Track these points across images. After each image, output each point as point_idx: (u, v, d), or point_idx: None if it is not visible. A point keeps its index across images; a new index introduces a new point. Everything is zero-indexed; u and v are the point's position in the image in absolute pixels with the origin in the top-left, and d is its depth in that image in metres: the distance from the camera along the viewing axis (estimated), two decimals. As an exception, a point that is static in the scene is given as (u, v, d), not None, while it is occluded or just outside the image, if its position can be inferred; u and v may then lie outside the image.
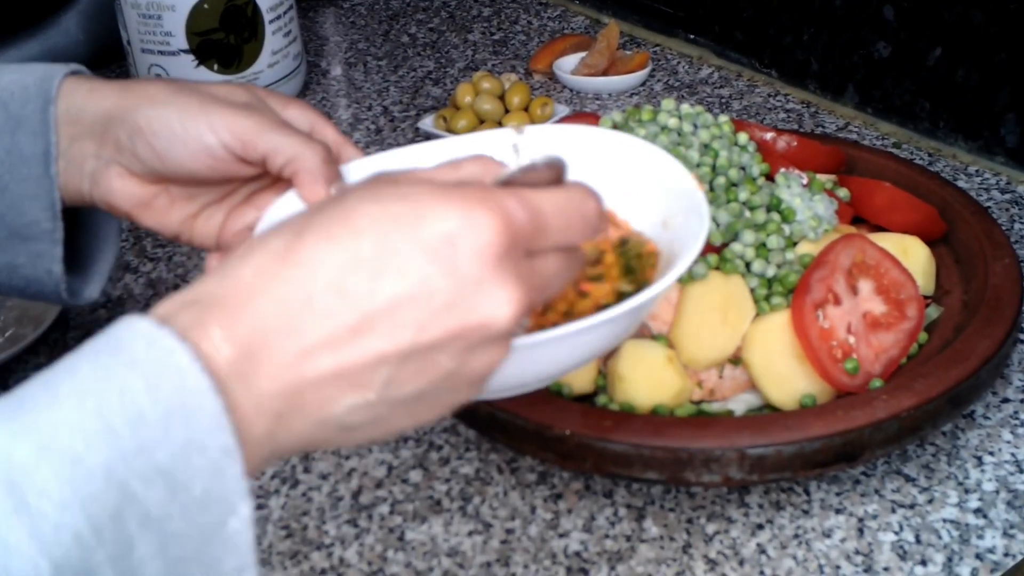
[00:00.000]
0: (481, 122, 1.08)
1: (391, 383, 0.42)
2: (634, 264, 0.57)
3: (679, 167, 0.58)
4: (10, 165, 0.60)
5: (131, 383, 0.38)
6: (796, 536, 0.68)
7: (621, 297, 0.54)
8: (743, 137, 0.80)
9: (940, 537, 0.67)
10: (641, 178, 0.60)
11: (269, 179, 0.62)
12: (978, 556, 0.66)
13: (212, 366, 0.40)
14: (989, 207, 0.96)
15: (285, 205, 0.59)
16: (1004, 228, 0.91)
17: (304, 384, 0.41)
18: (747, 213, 0.75)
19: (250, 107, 0.60)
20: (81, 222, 0.65)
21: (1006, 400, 0.77)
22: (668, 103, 0.81)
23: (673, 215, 0.58)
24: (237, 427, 0.40)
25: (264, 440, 0.41)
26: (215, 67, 1.13)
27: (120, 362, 0.39)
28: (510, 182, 0.45)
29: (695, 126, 0.79)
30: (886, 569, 0.66)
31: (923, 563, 0.66)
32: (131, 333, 0.39)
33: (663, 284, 0.51)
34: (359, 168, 0.62)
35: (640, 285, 0.56)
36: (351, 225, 0.42)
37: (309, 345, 0.41)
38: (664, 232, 0.58)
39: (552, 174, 0.46)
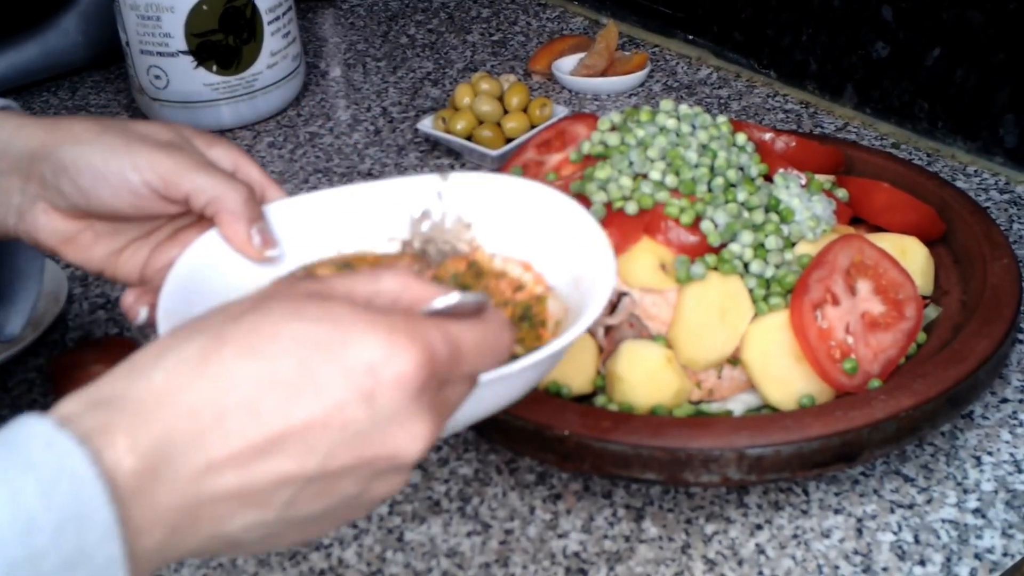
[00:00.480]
0: (480, 123, 1.08)
1: (291, 504, 0.42)
2: (526, 327, 0.58)
3: (593, 224, 0.58)
4: None
5: (24, 487, 0.37)
6: (795, 536, 0.68)
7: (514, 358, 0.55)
8: (741, 137, 0.80)
9: (939, 537, 0.67)
10: (558, 233, 0.60)
11: (193, 216, 0.62)
12: (977, 556, 0.66)
13: (112, 476, 0.38)
14: (988, 207, 0.96)
15: (207, 243, 0.60)
16: (1003, 228, 0.91)
17: (204, 500, 0.40)
18: (745, 213, 0.75)
19: (174, 146, 0.60)
20: (3, 259, 0.65)
21: (1005, 400, 0.77)
22: (667, 104, 0.81)
23: (583, 273, 0.58)
24: (129, 538, 0.38)
25: (155, 552, 0.40)
26: (214, 68, 1.13)
27: (14, 464, 0.37)
28: (435, 314, 0.45)
29: (693, 127, 0.79)
30: (885, 569, 0.66)
31: (922, 563, 0.66)
32: (29, 434, 0.38)
33: (548, 349, 0.51)
34: (281, 210, 0.63)
35: (534, 347, 0.56)
36: (273, 342, 0.41)
37: (215, 461, 0.40)
38: (575, 290, 0.58)
39: (476, 309, 0.46)
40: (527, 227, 0.61)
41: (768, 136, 0.87)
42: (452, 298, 0.45)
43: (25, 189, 0.61)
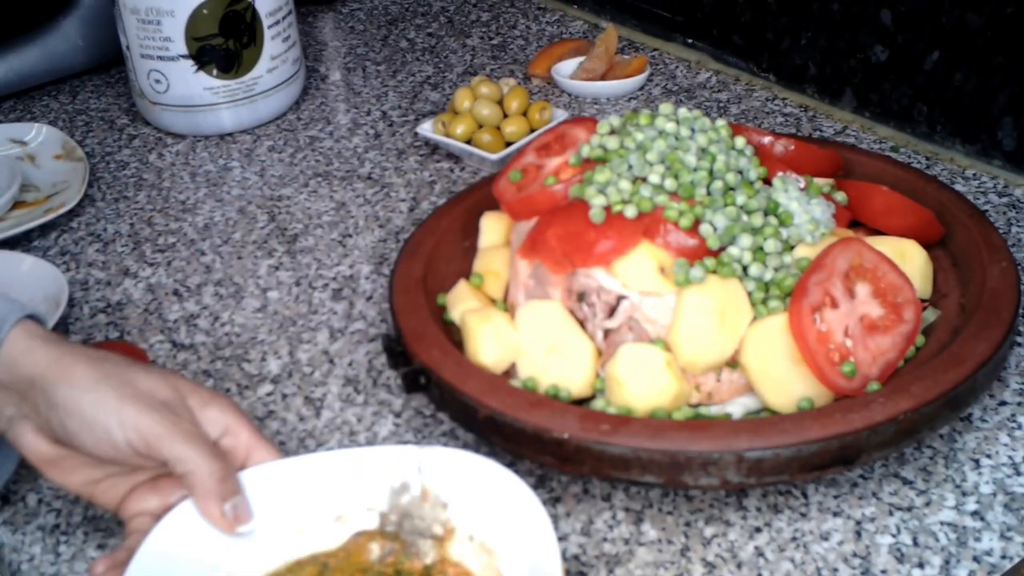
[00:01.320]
0: (480, 127, 1.08)
1: None
2: None
3: (547, 525, 0.60)
4: None
5: None
6: (794, 539, 0.68)
7: None
8: (740, 141, 0.80)
9: (937, 540, 0.68)
10: (516, 521, 0.61)
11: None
12: (975, 559, 0.66)
13: None
14: (986, 211, 0.96)
15: (183, 513, 0.62)
16: (1001, 231, 0.91)
17: None
18: (744, 217, 0.75)
19: (166, 408, 0.63)
20: None
21: (1003, 403, 0.77)
22: (666, 107, 0.81)
23: (537, 563, 0.59)
24: None
25: None
26: (214, 72, 1.13)
27: None
28: None
29: (693, 130, 0.80)
30: (883, 572, 0.66)
31: (920, 566, 0.66)
32: None
33: None
34: (261, 475, 0.65)
35: None
36: None
37: None
38: None
39: None
40: (495, 512, 0.63)
41: (767, 139, 0.87)
42: None
43: (19, 406, 0.65)
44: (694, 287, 0.73)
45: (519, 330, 0.76)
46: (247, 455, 0.65)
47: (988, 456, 0.73)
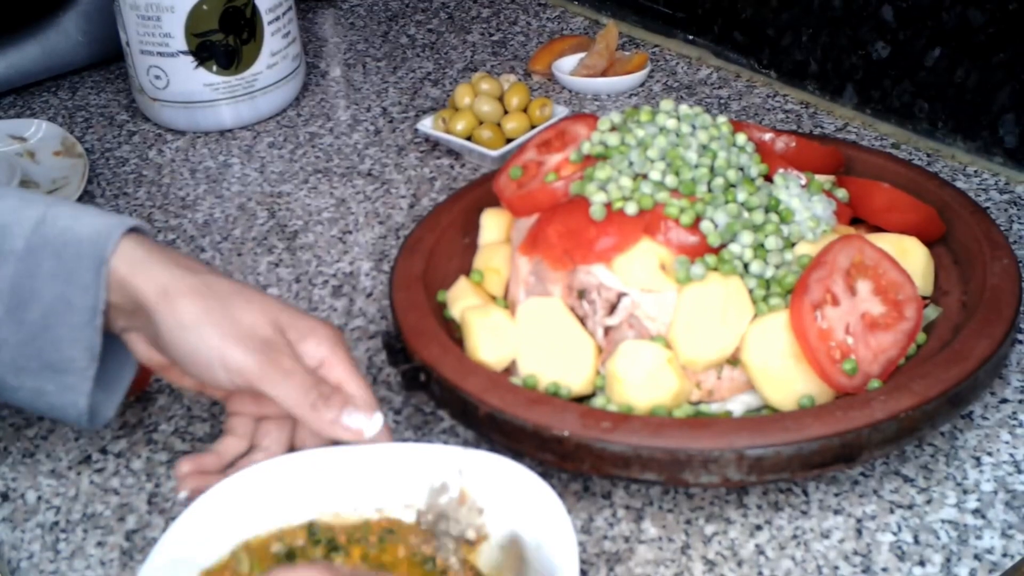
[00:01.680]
0: (480, 123, 1.08)
1: None
2: None
3: (572, 541, 0.59)
4: (58, 311, 0.64)
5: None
6: (794, 537, 0.68)
7: None
8: (741, 138, 0.80)
9: (938, 538, 0.67)
10: (548, 536, 0.61)
11: None
12: (976, 556, 0.66)
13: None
14: (988, 207, 0.96)
15: (199, 509, 0.62)
16: (1003, 228, 0.91)
17: None
18: (745, 214, 0.75)
19: (265, 347, 0.64)
20: (109, 347, 0.68)
21: (1004, 401, 0.77)
22: (667, 104, 0.81)
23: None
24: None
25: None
26: (214, 68, 1.13)
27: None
28: None
29: (693, 127, 0.79)
30: (884, 570, 0.66)
31: (921, 564, 0.66)
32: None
33: None
34: (300, 463, 0.65)
35: None
36: None
37: None
38: None
39: None
40: (529, 521, 0.62)
41: (768, 136, 0.87)
42: None
43: (130, 319, 0.67)
44: (695, 284, 0.72)
45: (519, 327, 0.76)
46: (337, 386, 0.66)
47: (989, 454, 0.73)
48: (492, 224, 0.86)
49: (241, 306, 0.65)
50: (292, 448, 0.68)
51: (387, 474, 0.65)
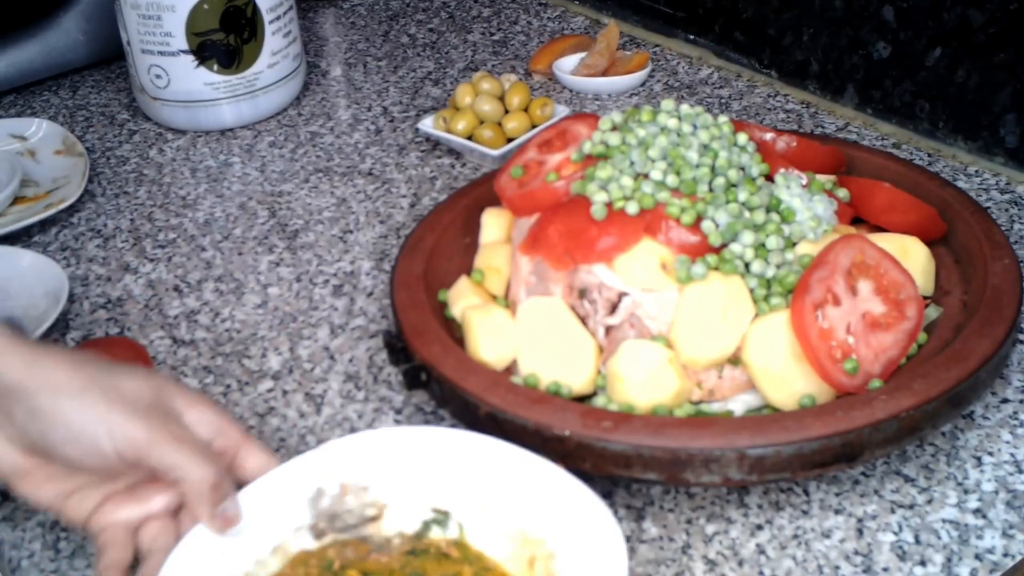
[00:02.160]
0: (481, 122, 1.08)
1: None
2: None
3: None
4: None
5: None
6: (795, 536, 0.68)
7: None
8: (742, 137, 0.80)
9: (939, 537, 0.67)
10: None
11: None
12: (977, 556, 0.66)
13: None
14: (989, 207, 0.96)
15: (195, 540, 0.60)
16: (1004, 228, 0.91)
17: None
18: (746, 214, 0.75)
19: (153, 413, 0.60)
20: None
21: (1005, 400, 0.77)
22: (668, 103, 0.81)
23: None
24: None
25: None
26: (215, 67, 1.13)
27: None
28: None
29: (694, 126, 0.79)
30: (885, 570, 0.66)
31: (922, 563, 0.66)
32: None
33: None
34: (255, 491, 0.62)
35: None
36: None
37: None
38: None
39: None
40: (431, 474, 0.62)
41: (769, 136, 0.87)
42: None
43: None
44: (696, 284, 0.72)
45: (520, 327, 0.76)
46: (236, 454, 0.63)
47: (990, 454, 0.73)
48: (493, 223, 0.86)
49: (123, 375, 0.62)
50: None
51: (264, 512, 0.62)
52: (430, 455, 0.64)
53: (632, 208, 0.74)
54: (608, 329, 0.75)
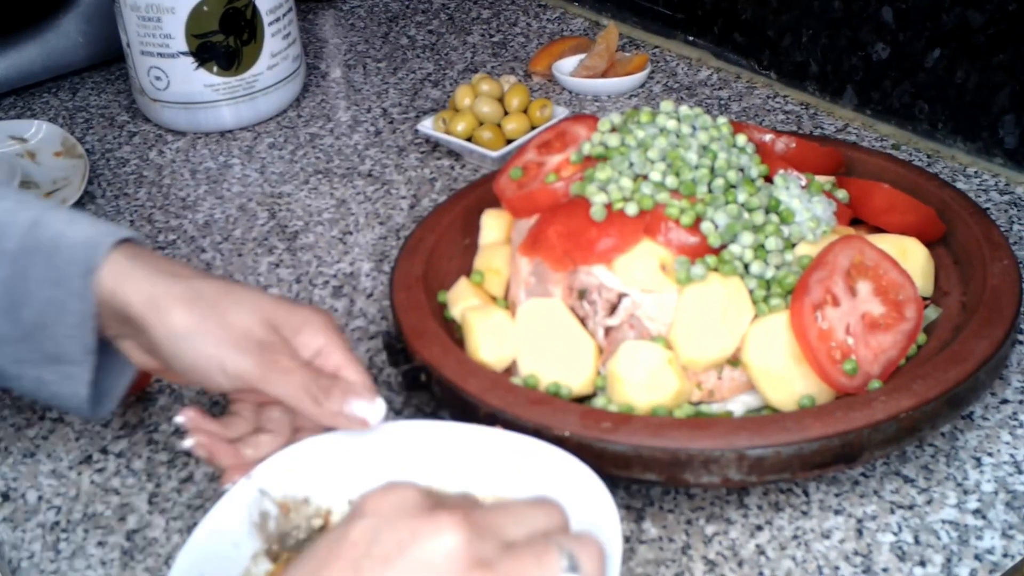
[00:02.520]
0: (480, 124, 1.08)
1: None
2: None
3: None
4: (51, 312, 0.64)
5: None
6: (795, 537, 0.68)
7: None
8: (742, 139, 0.80)
9: (939, 538, 0.67)
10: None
11: None
12: (977, 557, 0.66)
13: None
14: (988, 208, 0.96)
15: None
16: (1003, 229, 0.91)
17: None
18: (745, 215, 0.75)
19: (262, 348, 0.64)
20: (104, 348, 0.68)
21: (1005, 401, 0.77)
22: (667, 105, 0.81)
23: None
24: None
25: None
26: (214, 69, 1.13)
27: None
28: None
29: (694, 128, 0.79)
30: (885, 570, 0.66)
31: (922, 564, 0.66)
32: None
33: None
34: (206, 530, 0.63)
35: None
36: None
37: None
38: None
39: None
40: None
41: (768, 137, 0.87)
42: None
43: (122, 328, 0.66)
44: (695, 285, 0.72)
45: (520, 328, 0.76)
46: (336, 375, 0.66)
47: (990, 454, 0.73)
48: (492, 225, 0.86)
49: (232, 309, 0.65)
50: (296, 432, 0.67)
51: (219, 554, 0.61)
52: (361, 452, 0.64)
53: (631, 209, 0.74)
54: (608, 330, 0.75)
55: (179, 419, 0.64)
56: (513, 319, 0.77)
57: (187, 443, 0.64)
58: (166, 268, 0.66)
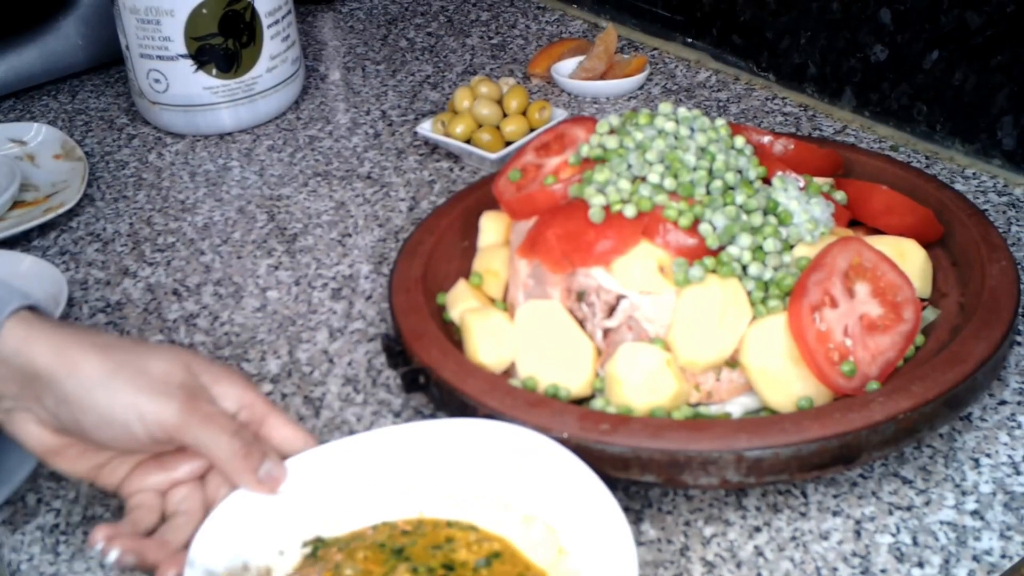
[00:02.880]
0: (479, 126, 1.08)
1: None
2: None
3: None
4: None
5: None
6: (793, 538, 0.68)
7: None
8: (740, 140, 0.80)
9: (937, 539, 0.68)
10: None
11: None
12: (975, 558, 0.66)
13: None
14: (986, 210, 0.96)
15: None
16: (1001, 231, 0.91)
17: None
18: (744, 216, 0.75)
19: (182, 392, 0.62)
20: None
21: (1003, 402, 0.77)
22: (665, 107, 0.81)
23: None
24: None
25: None
26: (213, 72, 1.13)
27: None
28: None
29: (692, 129, 0.80)
30: (883, 571, 0.66)
31: (920, 565, 0.66)
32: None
33: None
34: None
35: None
36: None
37: None
38: None
39: None
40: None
41: (767, 139, 0.87)
42: None
43: (19, 398, 0.63)
44: (693, 286, 0.73)
45: (518, 330, 0.76)
46: (261, 422, 0.65)
47: (988, 455, 0.73)
48: (491, 227, 0.86)
49: (149, 355, 0.63)
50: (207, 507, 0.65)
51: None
52: (291, 497, 0.65)
53: (630, 211, 0.74)
54: (606, 332, 0.75)
55: (98, 544, 0.60)
56: (512, 321, 0.77)
57: (111, 556, 0.60)
58: (74, 326, 0.64)
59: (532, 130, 1.09)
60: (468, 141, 1.08)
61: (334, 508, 0.66)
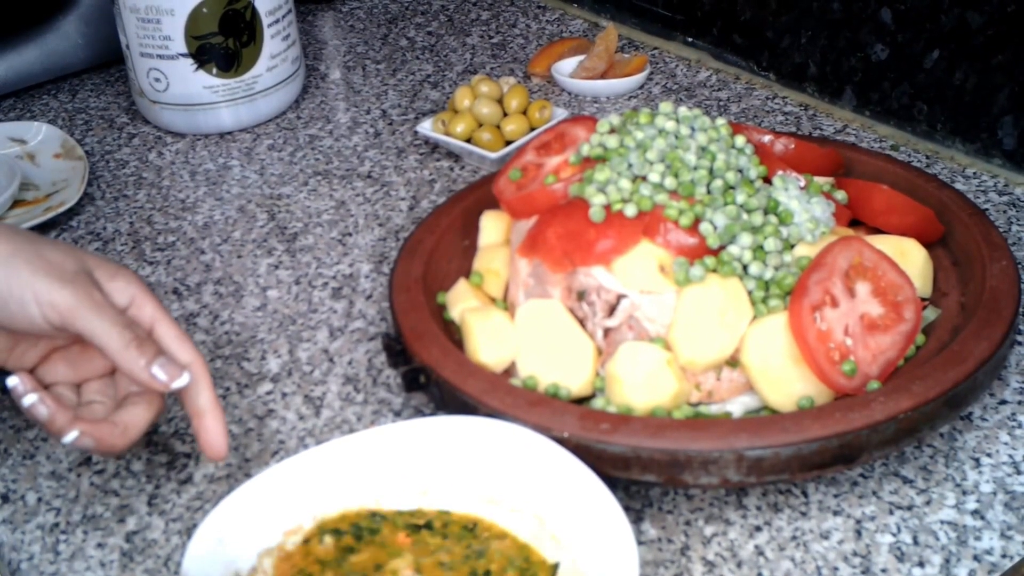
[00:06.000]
0: (479, 125, 1.08)
1: None
2: None
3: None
4: None
5: None
6: (794, 538, 0.68)
7: None
8: (740, 140, 0.80)
9: (938, 539, 0.68)
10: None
11: None
12: (976, 558, 0.66)
13: None
14: (986, 209, 0.96)
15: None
16: (1001, 230, 0.91)
17: None
18: (744, 216, 0.75)
19: (77, 280, 0.63)
20: None
21: (1003, 402, 0.77)
22: (666, 106, 0.81)
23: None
24: None
25: None
26: (214, 71, 1.13)
27: None
28: None
29: (693, 129, 0.80)
30: (884, 571, 0.66)
31: (920, 565, 0.66)
32: None
33: None
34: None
35: None
36: None
37: None
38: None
39: None
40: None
41: (767, 138, 0.87)
42: None
43: None
44: (694, 286, 0.73)
45: (519, 329, 0.76)
46: (151, 326, 0.66)
47: (988, 455, 0.73)
48: (491, 226, 0.86)
49: (47, 245, 0.65)
50: (122, 400, 0.67)
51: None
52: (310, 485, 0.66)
53: (630, 210, 0.74)
54: (607, 331, 0.75)
55: (11, 381, 0.62)
56: (512, 320, 0.77)
57: (28, 400, 0.62)
58: None
59: (532, 129, 1.09)
60: (468, 140, 1.08)
61: (332, 507, 0.66)
